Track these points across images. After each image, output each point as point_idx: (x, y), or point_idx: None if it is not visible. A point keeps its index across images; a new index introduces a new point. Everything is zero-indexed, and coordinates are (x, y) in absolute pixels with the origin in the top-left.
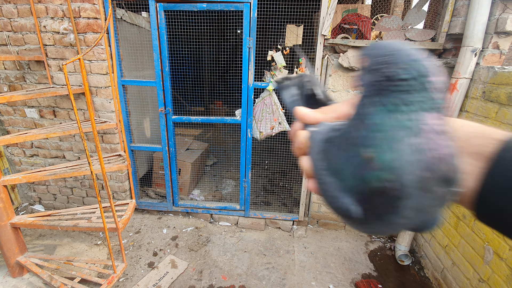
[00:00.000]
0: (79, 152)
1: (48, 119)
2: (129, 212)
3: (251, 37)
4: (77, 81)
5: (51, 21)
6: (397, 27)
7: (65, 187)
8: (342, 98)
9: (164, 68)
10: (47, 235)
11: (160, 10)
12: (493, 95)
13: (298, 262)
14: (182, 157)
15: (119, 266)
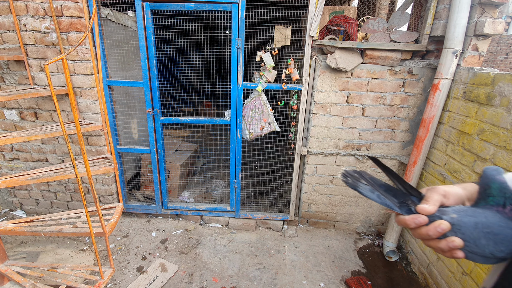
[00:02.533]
0: (63, 155)
1: (30, 121)
2: (116, 216)
3: (240, 38)
4: (60, 81)
5: (32, 19)
6: (382, 29)
7: (49, 192)
8: (330, 98)
9: (152, 69)
10: (29, 242)
11: (146, 10)
12: (473, 95)
13: (289, 262)
14: (171, 159)
15: (106, 271)
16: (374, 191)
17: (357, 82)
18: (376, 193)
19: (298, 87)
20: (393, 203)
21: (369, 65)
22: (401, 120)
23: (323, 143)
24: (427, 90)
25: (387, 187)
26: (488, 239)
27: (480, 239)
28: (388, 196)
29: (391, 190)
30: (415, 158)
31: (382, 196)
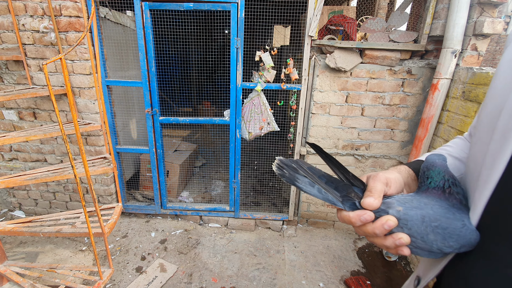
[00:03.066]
0: (62, 155)
1: (28, 121)
2: (115, 216)
3: (239, 38)
4: (59, 81)
5: (30, 19)
6: (381, 29)
7: (47, 192)
8: (329, 98)
9: (151, 68)
10: (28, 242)
11: (145, 9)
12: (472, 95)
13: (288, 262)
14: (170, 159)
15: (105, 272)
16: (314, 184)
17: (356, 82)
18: (317, 186)
19: (297, 87)
20: (335, 197)
21: (368, 65)
22: (400, 120)
23: (323, 143)
24: (426, 90)
25: (328, 178)
26: (437, 234)
27: (428, 234)
28: (330, 189)
29: (332, 182)
30: (414, 157)
31: (323, 190)
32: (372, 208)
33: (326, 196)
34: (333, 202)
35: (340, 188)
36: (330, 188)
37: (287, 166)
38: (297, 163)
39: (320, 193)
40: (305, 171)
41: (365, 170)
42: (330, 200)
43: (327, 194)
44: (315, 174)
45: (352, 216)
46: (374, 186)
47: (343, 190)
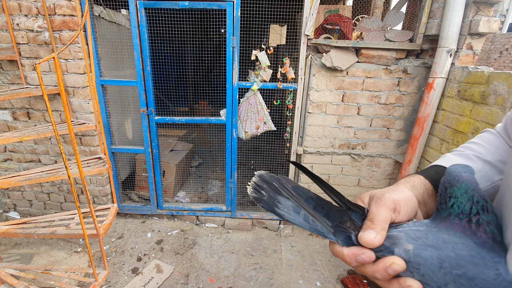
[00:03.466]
0: (56, 156)
1: (22, 121)
2: (110, 217)
3: (235, 36)
4: (53, 81)
5: (25, 18)
6: (377, 28)
7: (42, 193)
8: (325, 97)
9: (146, 68)
10: (23, 244)
11: (140, 8)
12: (467, 94)
13: (285, 261)
14: (166, 159)
15: (100, 273)
16: (300, 209)
17: (352, 81)
18: (303, 213)
19: (294, 86)
20: (326, 227)
21: (364, 64)
22: (396, 119)
23: (319, 142)
24: (421, 89)
25: (317, 202)
26: (460, 285)
27: (447, 284)
28: (319, 216)
29: (322, 207)
30: (410, 157)
31: (311, 218)
32: (373, 246)
33: (314, 225)
34: (323, 234)
35: (332, 215)
36: (320, 215)
37: (268, 185)
38: (279, 181)
39: (306, 221)
40: (289, 192)
41: (361, 169)
42: (319, 231)
43: (315, 223)
44: (301, 196)
45: (347, 255)
46: (377, 214)
47: (336, 218)
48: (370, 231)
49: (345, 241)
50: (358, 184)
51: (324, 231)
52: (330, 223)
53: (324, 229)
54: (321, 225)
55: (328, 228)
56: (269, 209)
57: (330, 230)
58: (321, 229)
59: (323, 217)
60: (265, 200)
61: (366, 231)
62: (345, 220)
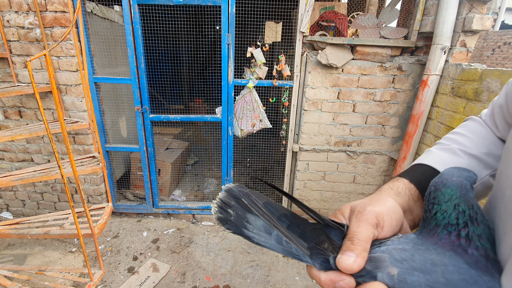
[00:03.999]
0: (49, 155)
1: (14, 120)
2: (105, 216)
3: (230, 33)
4: (45, 78)
5: (15, 15)
6: (372, 25)
7: (35, 192)
8: (321, 94)
9: (140, 65)
10: (16, 244)
11: (133, 4)
12: (461, 91)
13: (281, 258)
14: (161, 157)
15: (96, 273)
16: (272, 229)
17: (347, 78)
18: (275, 233)
19: (289, 84)
20: (301, 249)
21: (359, 61)
22: (391, 116)
23: (315, 139)
24: (416, 86)
25: (291, 220)
26: None
27: None
28: (294, 237)
29: (298, 225)
30: (404, 153)
31: (284, 239)
32: (352, 271)
33: (288, 248)
34: (298, 258)
35: (308, 234)
36: (295, 236)
37: (236, 201)
38: (249, 197)
39: (279, 243)
40: (260, 210)
41: (356, 166)
42: (293, 254)
43: (289, 245)
44: (273, 214)
45: (324, 281)
46: (358, 232)
47: (312, 238)
48: (350, 254)
49: (322, 265)
50: (354, 181)
51: (300, 253)
52: (306, 244)
53: (300, 251)
54: (296, 247)
55: (303, 250)
56: (237, 231)
57: (306, 253)
58: (296, 252)
59: (298, 237)
60: (232, 221)
61: (344, 254)
62: (323, 240)
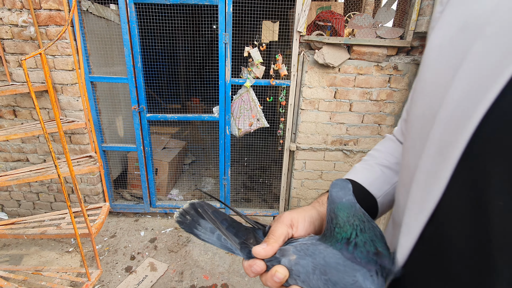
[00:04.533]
0: (45, 155)
1: (8, 120)
2: (102, 216)
3: (227, 33)
4: (40, 77)
5: (9, 13)
6: (368, 25)
7: (30, 192)
8: (318, 94)
9: (136, 64)
10: (12, 245)
11: (130, 3)
12: None
13: None
14: (158, 156)
15: (93, 273)
16: (216, 230)
17: (344, 77)
18: (217, 233)
19: (287, 83)
20: (234, 244)
21: (356, 61)
22: (387, 115)
23: (312, 138)
24: (412, 85)
25: (230, 223)
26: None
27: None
28: (230, 235)
29: (233, 227)
30: None
31: (223, 237)
32: (261, 256)
33: (225, 243)
34: (231, 250)
35: (240, 233)
36: (231, 234)
37: (194, 211)
38: (202, 207)
39: (219, 240)
40: (209, 216)
41: (353, 165)
42: (228, 247)
43: (226, 241)
44: (217, 219)
45: (245, 266)
46: (274, 230)
47: (243, 236)
48: (262, 244)
49: (247, 255)
50: None
51: (233, 247)
52: (238, 240)
53: (233, 246)
54: (230, 242)
55: (235, 245)
56: (188, 230)
57: (237, 247)
58: (230, 246)
59: (233, 235)
60: (187, 223)
61: (259, 245)
62: (250, 237)
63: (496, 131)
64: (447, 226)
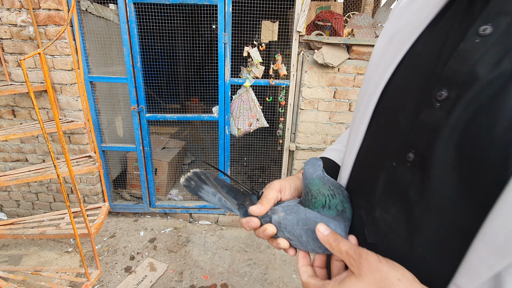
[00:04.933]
0: (44, 155)
1: (7, 120)
2: (102, 216)
3: (227, 33)
4: (39, 77)
5: (7, 12)
6: (368, 25)
7: (30, 193)
8: (317, 94)
9: (136, 64)
10: (11, 245)
11: (129, 2)
12: None
13: (279, 257)
14: (158, 157)
15: (93, 273)
16: (217, 193)
17: (343, 77)
18: (218, 195)
19: (286, 83)
20: (232, 205)
21: (355, 61)
22: None
23: (311, 138)
24: None
25: (229, 188)
26: (308, 236)
27: (301, 236)
28: (229, 198)
29: (232, 191)
30: None
31: (223, 199)
32: (256, 214)
33: (225, 204)
34: (230, 209)
35: (238, 196)
36: (230, 197)
37: (197, 178)
38: (205, 174)
39: (220, 201)
40: (211, 182)
41: None
42: (228, 207)
43: (226, 202)
44: (219, 184)
45: (243, 222)
46: (266, 194)
47: (240, 199)
48: (257, 204)
49: (244, 214)
50: None
51: (232, 207)
52: (236, 202)
53: (232, 206)
54: (230, 203)
55: (234, 205)
56: (193, 192)
57: (236, 207)
58: (229, 206)
59: (232, 198)
60: (191, 187)
61: (253, 205)
62: (246, 200)
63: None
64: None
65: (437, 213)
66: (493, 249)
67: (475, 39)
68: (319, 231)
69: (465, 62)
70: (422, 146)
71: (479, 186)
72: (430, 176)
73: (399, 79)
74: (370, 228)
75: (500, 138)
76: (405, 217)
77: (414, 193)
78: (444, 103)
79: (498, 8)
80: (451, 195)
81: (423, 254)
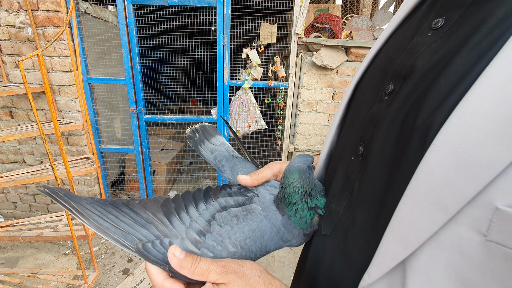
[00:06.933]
0: (41, 156)
1: (4, 121)
2: None
3: (225, 35)
4: (37, 79)
5: (6, 13)
6: (366, 27)
7: (27, 194)
8: (316, 95)
9: (134, 65)
10: (8, 247)
11: (128, 4)
12: None
13: (277, 258)
14: (156, 158)
15: (90, 275)
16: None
17: (342, 79)
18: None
19: (285, 85)
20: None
21: (353, 63)
22: None
23: (310, 140)
24: None
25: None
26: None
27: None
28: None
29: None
30: None
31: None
32: (243, 184)
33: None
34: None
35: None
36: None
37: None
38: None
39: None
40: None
41: None
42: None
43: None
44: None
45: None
46: (260, 171)
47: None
48: (247, 176)
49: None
50: None
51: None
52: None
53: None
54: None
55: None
56: (194, 145)
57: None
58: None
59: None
60: (194, 139)
61: (245, 175)
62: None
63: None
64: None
65: (365, 206)
66: (398, 239)
67: (428, 32)
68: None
69: (412, 56)
70: (368, 139)
71: (402, 176)
72: (366, 169)
73: (368, 76)
74: (326, 220)
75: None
76: (350, 210)
77: (356, 185)
78: (390, 97)
79: (452, 0)
80: (380, 187)
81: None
